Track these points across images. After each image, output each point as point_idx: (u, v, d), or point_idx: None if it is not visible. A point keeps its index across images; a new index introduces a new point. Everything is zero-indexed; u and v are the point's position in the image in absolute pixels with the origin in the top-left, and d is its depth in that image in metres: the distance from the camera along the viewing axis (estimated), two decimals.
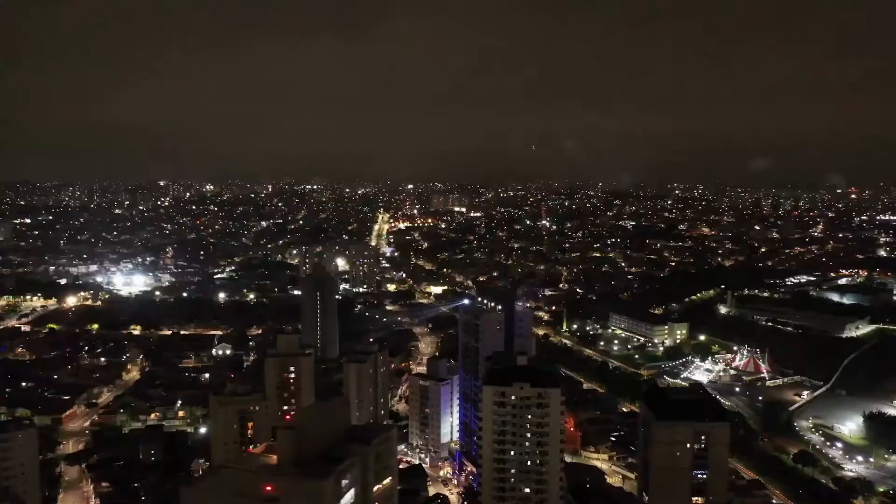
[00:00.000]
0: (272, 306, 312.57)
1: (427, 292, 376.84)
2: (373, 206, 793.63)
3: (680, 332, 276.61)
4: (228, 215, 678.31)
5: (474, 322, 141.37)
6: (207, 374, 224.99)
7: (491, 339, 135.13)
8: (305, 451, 62.61)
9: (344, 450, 64.21)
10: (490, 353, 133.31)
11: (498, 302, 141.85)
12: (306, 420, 66.86)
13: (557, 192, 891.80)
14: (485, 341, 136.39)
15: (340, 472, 60.60)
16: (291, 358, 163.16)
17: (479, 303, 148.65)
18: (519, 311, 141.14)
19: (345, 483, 61.38)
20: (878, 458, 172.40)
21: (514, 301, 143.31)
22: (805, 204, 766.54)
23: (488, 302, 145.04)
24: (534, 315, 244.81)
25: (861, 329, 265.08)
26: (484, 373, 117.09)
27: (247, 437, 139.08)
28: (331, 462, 61.44)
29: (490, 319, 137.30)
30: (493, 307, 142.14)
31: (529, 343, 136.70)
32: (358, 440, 66.79)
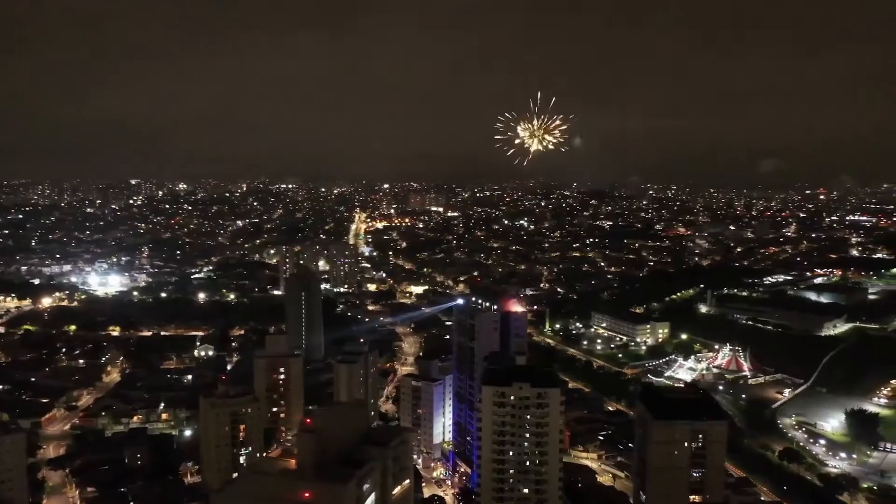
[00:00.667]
0: (253, 306, 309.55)
1: (408, 292, 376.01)
2: (349, 205, 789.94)
3: (662, 331, 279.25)
4: (203, 214, 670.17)
5: (469, 322, 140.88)
6: (190, 376, 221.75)
7: (487, 338, 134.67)
8: (324, 455, 61.59)
9: (362, 453, 63.32)
10: (486, 353, 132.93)
11: (493, 302, 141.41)
12: (325, 423, 65.93)
13: (533, 193, 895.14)
14: (480, 341, 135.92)
15: (362, 476, 59.77)
16: (281, 359, 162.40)
17: (474, 302, 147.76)
18: (514, 311, 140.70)
19: (366, 487, 60.56)
20: (861, 455, 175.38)
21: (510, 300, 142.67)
22: (777, 204, 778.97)
23: (483, 302, 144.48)
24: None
25: (838, 328, 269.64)
26: (482, 373, 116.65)
27: (238, 439, 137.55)
28: (351, 465, 60.51)
29: (486, 319, 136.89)
30: (489, 307, 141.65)
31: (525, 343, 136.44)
32: (375, 443, 65.95)
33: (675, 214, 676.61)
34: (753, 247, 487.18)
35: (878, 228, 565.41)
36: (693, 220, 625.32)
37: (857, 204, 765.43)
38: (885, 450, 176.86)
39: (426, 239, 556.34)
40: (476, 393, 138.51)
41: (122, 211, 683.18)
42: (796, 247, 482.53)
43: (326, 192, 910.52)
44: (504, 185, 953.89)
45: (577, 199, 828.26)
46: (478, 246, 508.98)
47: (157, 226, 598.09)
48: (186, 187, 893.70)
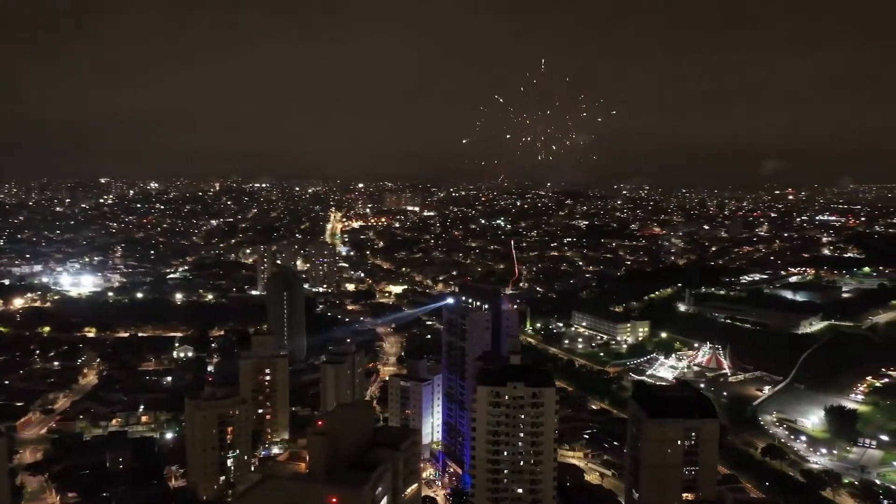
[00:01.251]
0: (232, 307, 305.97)
1: (387, 292, 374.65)
2: (324, 204, 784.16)
3: (642, 330, 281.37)
4: (176, 214, 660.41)
5: (460, 321, 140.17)
6: (170, 378, 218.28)
7: (478, 338, 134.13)
8: (335, 458, 60.33)
9: (373, 455, 62.16)
10: (477, 352, 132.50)
11: (483, 301, 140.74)
12: (336, 425, 64.47)
13: (508, 192, 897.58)
14: (472, 341, 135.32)
15: (375, 479, 58.60)
16: (267, 360, 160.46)
17: (464, 301, 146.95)
18: (505, 310, 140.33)
19: (379, 490, 59.51)
20: (841, 451, 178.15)
21: (500, 300, 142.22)
22: (748, 204, 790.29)
23: (473, 301, 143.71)
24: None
25: (814, 325, 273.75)
26: (476, 372, 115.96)
27: (226, 441, 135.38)
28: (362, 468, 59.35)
29: (477, 318, 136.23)
30: (479, 306, 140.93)
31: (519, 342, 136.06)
32: (385, 444, 64.86)
33: (649, 214, 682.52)
34: (728, 246, 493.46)
35: (846, 228, 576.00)
36: (668, 220, 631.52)
37: (826, 204, 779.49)
38: (864, 445, 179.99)
39: (403, 238, 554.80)
40: (467, 393, 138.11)
41: (92, 210, 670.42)
42: (769, 246, 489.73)
43: (300, 192, 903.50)
44: (479, 185, 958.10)
45: (553, 198, 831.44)
46: (456, 245, 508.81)
47: (130, 225, 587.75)
48: (158, 186, 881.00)
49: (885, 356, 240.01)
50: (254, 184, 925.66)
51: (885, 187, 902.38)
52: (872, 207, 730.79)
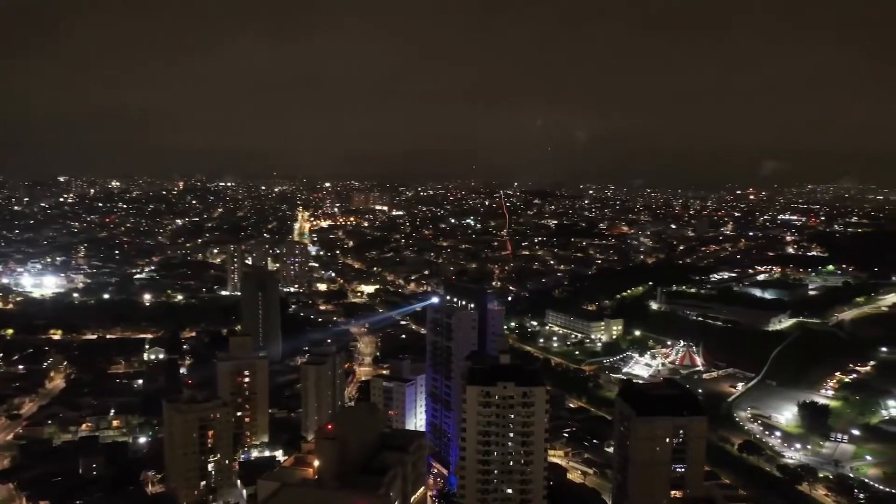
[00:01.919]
0: (203, 307, 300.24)
1: (359, 291, 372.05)
2: (291, 204, 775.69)
3: (616, 328, 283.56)
4: (139, 213, 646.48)
5: (446, 321, 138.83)
6: (141, 380, 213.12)
7: (465, 337, 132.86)
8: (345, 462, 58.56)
9: (382, 459, 60.53)
10: (463, 352, 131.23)
11: (469, 300, 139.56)
12: (346, 429, 62.48)
13: (476, 192, 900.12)
14: (458, 340, 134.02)
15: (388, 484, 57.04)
16: (246, 362, 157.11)
17: (450, 301, 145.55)
18: (491, 309, 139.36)
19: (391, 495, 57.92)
20: (815, 445, 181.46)
21: (486, 299, 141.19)
22: (712, 204, 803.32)
23: (458, 300, 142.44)
24: None
25: (783, 322, 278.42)
26: (466, 372, 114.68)
27: (206, 446, 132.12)
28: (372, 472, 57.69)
29: (464, 318, 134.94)
30: (465, 305, 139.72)
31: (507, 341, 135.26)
32: (393, 448, 63.24)
33: (617, 214, 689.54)
34: (695, 245, 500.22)
35: (807, 227, 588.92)
36: (635, 219, 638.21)
37: (786, 204, 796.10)
38: (836, 440, 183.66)
39: (373, 238, 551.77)
40: (453, 393, 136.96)
41: (52, 209, 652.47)
42: (735, 245, 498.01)
43: (267, 191, 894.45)
44: (447, 185, 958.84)
45: (521, 198, 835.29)
46: (427, 245, 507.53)
47: (92, 224, 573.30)
48: (120, 185, 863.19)
49: (851, 352, 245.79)
50: (219, 183, 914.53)
51: (841, 187, 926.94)
52: (830, 207, 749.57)
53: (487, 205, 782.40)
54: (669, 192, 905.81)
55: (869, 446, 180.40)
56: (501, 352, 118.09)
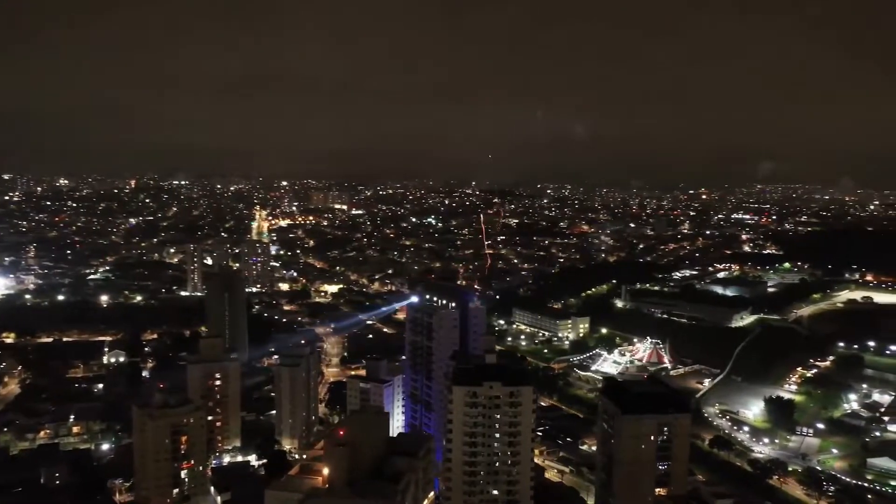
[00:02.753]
0: (163, 308, 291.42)
1: (323, 291, 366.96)
2: (248, 203, 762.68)
3: (583, 326, 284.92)
4: (90, 212, 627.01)
5: (426, 320, 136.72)
6: (101, 385, 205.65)
7: (446, 337, 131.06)
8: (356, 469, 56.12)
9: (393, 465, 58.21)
10: (445, 351, 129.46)
11: (450, 298, 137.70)
12: (356, 435, 59.74)
13: (436, 191, 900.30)
14: (439, 340, 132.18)
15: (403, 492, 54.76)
16: (218, 364, 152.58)
17: (430, 300, 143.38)
18: (473, 308, 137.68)
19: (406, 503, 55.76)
20: (782, 440, 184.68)
21: (467, 298, 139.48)
22: (668, 203, 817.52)
23: (439, 299, 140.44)
24: None
25: (745, 319, 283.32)
26: (451, 372, 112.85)
27: (179, 452, 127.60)
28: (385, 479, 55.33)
29: (445, 317, 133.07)
30: (446, 304, 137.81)
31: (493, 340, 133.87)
32: (402, 453, 60.96)
33: (576, 213, 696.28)
34: (654, 243, 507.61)
35: (760, 226, 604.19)
36: (595, 218, 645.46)
37: (738, 203, 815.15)
38: (802, 434, 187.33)
39: (334, 237, 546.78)
40: (434, 394, 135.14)
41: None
42: (693, 243, 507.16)
43: (222, 189, 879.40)
44: (406, 184, 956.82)
45: (480, 197, 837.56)
46: (390, 244, 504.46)
47: (41, 223, 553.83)
48: (68, 183, 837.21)
49: (811, 348, 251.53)
50: (172, 181, 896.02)
51: (789, 187, 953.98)
52: (780, 206, 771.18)
53: (447, 204, 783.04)
54: (626, 193, 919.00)
55: (833, 439, 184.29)
56: (487, 351, 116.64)
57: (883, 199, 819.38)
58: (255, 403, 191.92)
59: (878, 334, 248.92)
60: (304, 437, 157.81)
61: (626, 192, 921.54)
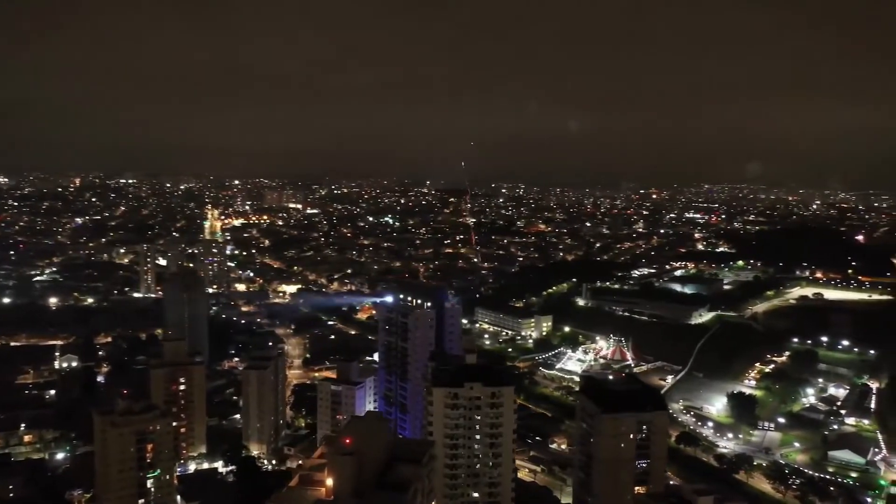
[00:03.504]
0: (117, 311, 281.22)
1: (281, 291, 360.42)
2: (199, 202, 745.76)
3: (546, 325, 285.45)
4: (34, 211, 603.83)
5: (401, 320, 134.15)
6: (53, 391, 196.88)
7: (422, 337, 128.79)
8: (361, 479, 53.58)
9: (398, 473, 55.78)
10: (421, 352, 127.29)
11: (425, 298, 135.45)
12: (360, 441, 56.87)
13: (391, 190, 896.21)
14: (415, 340, 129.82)
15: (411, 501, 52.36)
16: (182, 368, 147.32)
17: (403, 300, 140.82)
18: (449, 307, 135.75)
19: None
20: (745, 435, 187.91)
21: (443, 297, 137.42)
22: (621, 203, 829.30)
23: (413, 298, 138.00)
24: None
25: (704, 316, 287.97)
26: (431, 373, 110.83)
27: (145, 461, 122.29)
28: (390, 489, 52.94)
29: (421, 317, 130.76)
30: (421, 304, 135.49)
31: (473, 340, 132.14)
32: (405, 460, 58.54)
33: (533, 212, 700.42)
34: (611, 242, 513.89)
35: (711, 225, 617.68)
36: (551, 218, 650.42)
37: (688, 203, 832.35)
38: (763, 428, 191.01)
39: (290, 237, 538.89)
40: (409, 395, 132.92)
41: None
42: (648, 241, 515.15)
43: (172, 188, 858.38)
44: (361, 183, 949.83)
45: (436, 196, 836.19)
46: (348, 243, 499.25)
47: None
48: (8, 181, 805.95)
49: (767, 343, 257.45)
50: (119, 180, 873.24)
51: (735, 187, 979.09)
52: (728, 205, 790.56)
53: (403, 203, 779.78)
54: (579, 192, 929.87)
55: (794, 433, 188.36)
56: (467, 351, 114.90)
57: (824, 199, 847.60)
58: (218, 407, 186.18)
59: (830, 330, 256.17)
60: (272, 442, 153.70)
61: (579, 192, 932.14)
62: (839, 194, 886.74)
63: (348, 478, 54.37)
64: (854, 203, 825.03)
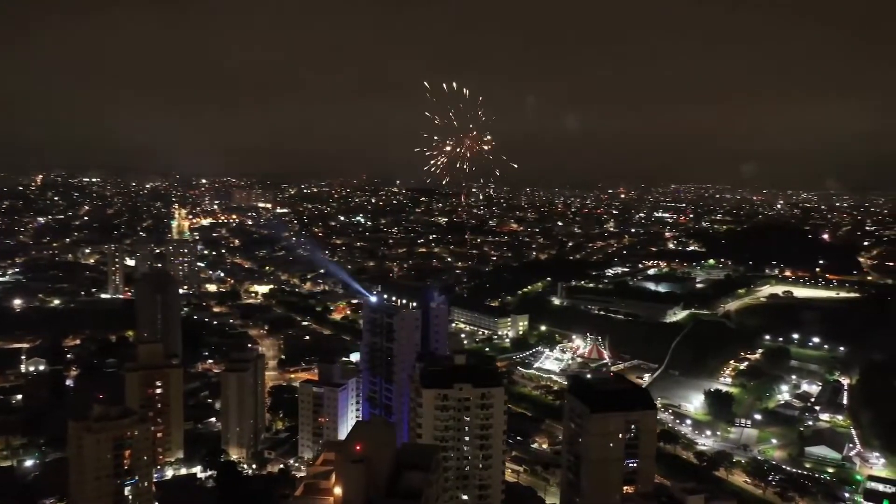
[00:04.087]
0: (85, 312, 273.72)
1: (253, 292, 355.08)
2: (166, 201, 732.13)
3: (522, 324, 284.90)
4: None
5: (387, 321, 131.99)
6: (20, 395, 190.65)
7: (408, 338, 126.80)
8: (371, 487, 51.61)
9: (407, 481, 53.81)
10: (407, 353, 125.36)
11: (411, 298, 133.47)
12: (370, 450, 54.65)
13: (361, 189, 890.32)
14: (401, 341, 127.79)
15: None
16: (159, 371, 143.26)
17: (388, 300, 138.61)
18: (435, 307, 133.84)
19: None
20: (723, 432, 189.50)
21: (429, 297, 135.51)
22: (591, 202, 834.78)
23: (399, 298, 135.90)
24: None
25: (678, 315, 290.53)
26: (419, 375, 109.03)
27: (123, 468, 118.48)
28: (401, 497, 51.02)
29: (407, 317, 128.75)
30: (407, 304, 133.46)
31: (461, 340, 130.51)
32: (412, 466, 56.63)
33: (504, 211, 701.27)
34: (583, 241, 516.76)
35: (679, 224, 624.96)
36: (523, 217, 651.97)
37: (656, 202, 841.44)
38: (740, 425, 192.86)
39: (260, 236, 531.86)
40: (395, 398, 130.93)
41: None
42: (620, 241, 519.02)
43: (137, 187, 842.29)
44: (330, 182, 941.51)
45: (407, 195, 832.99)
46: (320, 243, 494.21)
47: None
48: None
49: (741, 341, 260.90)
50: (83, 178, 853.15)
51: (701, 187, 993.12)
52: (695, 205, 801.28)
53: (374, 202, 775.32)
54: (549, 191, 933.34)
55: (770, 429, 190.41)
56: (456, 352, 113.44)
57: (787, 199, 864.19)
58: (192, 411, 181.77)
59: (800, 327, 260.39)
60: (251, 446, 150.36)
61: (549, 191, 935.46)
62: (801, 194, 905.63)
63: (359, 487, 52.42)
64: (816, 203, 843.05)
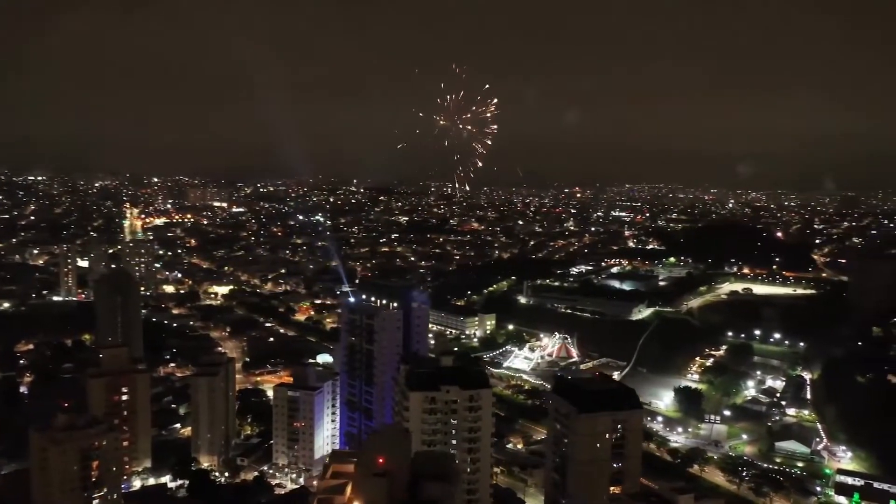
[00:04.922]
0: (36, 316, 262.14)
1: (212, 293, 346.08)
2: (116, 200, 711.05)
3: (489, 323, 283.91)
4: None
5: (367, 321, 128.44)
6: None
7: (390, 339, 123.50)
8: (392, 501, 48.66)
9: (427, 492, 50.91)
10: (388, 355, 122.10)
11: (391, 298, 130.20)
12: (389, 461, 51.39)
13: (318, 188, 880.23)
14: (382, 343, 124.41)
15: None
16: (125, 376, 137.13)
17: (367, 300, 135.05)
18: (416, 307, 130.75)
19: None
20: (694, 428, 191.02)
21: (410, 298, 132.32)
22: (550, 201, 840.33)
23: (378, 299, 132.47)
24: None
25: (643, 312, 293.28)
26: (405, 377, 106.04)
27: (90, 479, 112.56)
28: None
29: (388, 318, 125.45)
30: (387, 304, 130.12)
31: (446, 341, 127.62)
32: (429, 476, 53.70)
33: (464, 210, 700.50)
34: (544, 240, 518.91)
35: (636, 223, 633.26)
36: (483, 216, 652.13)
37: (611, 201, 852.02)
38: (710, 422, 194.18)
39: (218, 236, 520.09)
40: (376, 400, 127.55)
41: None
42: (581, 239, 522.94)
43: (86, 186, 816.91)
44: (287, 181, 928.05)
45: (365, 194, 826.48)
46: (280, 242, 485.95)
47: None
48: None
49: (704, 338, 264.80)
50: (27, 176, 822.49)
51: (654, 187, 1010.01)
52: (651, 204, 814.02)
53: (332, 201, 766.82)
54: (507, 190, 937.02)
55: (739, 425, 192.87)
56: (442, 353, 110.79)
57: (737, 198, 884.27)
58: (156, 417, 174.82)
59: (761, 323, 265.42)
60: (223, 452, 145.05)
61: (507, 190, 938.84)
62: (750, 193, 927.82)
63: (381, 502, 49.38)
64: (765, 202, 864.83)
